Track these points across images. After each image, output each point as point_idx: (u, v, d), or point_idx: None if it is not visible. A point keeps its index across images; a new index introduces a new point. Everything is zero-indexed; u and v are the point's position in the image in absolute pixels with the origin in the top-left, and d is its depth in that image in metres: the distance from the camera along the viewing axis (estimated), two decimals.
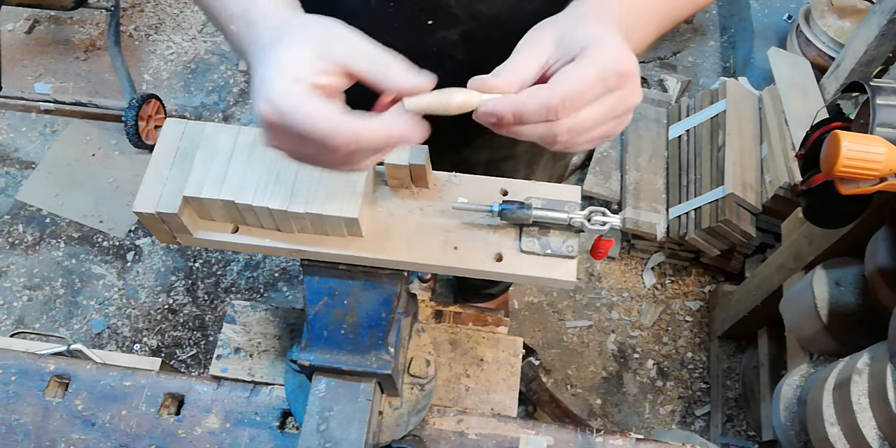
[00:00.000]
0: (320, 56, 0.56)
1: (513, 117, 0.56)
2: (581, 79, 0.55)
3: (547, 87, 0.55)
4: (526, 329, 2.21)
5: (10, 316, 2.23)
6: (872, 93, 1.12)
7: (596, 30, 0.58)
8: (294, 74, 0.55)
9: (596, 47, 0.56)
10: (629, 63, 0.56)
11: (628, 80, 0.57)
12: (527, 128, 0.57)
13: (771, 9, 2.61)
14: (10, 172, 2.52)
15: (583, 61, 0.56)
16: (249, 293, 2.29)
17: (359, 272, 0.76)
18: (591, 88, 0.55)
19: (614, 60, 0.56)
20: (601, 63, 0.55)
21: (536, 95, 0.55)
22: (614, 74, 0.56)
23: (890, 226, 1.34)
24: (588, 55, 0.56)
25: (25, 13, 2.88)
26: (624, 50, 0.57)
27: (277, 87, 0.55)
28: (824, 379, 1.31)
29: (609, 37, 0.57)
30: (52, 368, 0.89)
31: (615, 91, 0.57)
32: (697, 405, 2.10)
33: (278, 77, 0.55)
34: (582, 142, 0.59)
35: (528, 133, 0.57)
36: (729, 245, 2.07)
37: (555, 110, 0.55)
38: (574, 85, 0.55)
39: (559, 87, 0.55)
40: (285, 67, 0.56)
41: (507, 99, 0.56)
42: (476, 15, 0.83)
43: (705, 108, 2.23)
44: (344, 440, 0.77)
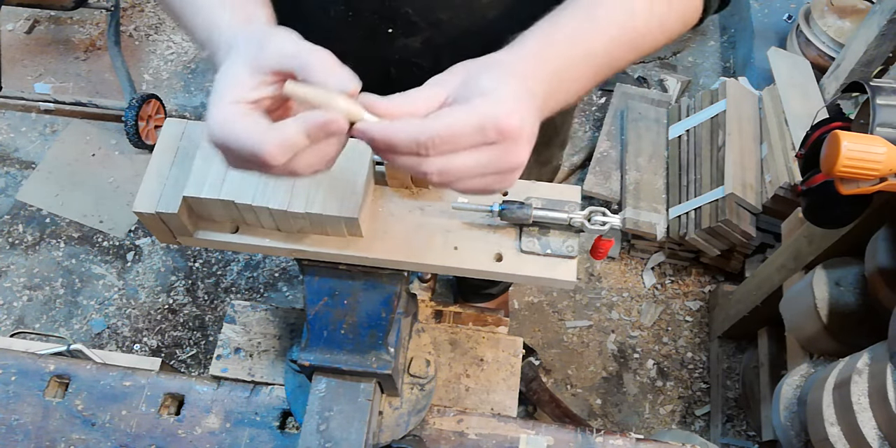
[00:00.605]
0: (253, 70, 0.58)
1: (383, 143, 0.56)
2: (456, 122, 0.55)
3: (420, 121, 0.56)
4: (526, 329, 2.21)
5: (10, 316, 2.23)
6: (872, 93, 1.12)
7: (501, 81, 0.58)
8: (230, 96, 0.57)
9: (487, 98, 0.56)
10: (514, 121, 0.55)
11: (509, 138, 0.56)
12: (397, 157, 0.57)
13: (771, 9, 2.61)
14: (10, 172, 2.52)
15: (464, 106, 0.56)
16: (249, 293, 2.29)
17: (359, 272, 0.76)
18: (466, 135, 0.55)
19: (499, 115, 0.55)
20: (484, 113, 0.55)
21: (408, 126, 0.55)
22: (494, 128, 0.55)
23: (890, 226, 1.34)
24: (472, 103, 0.56)
25: (25, 13, 2.88)
26: (516, 108, 0.56)
27: (212, 112, 0.57)
28: (824, 379, 1.31)
29: (509, 91, 0.57)
30: (52, 368, 0.89)
31: (494, 145, 0.56)
32: (697, 405, 2.10)
33: (214, 102, 0.57)
34: (458, 186, 0.58)
35: (399, 162, 0.57)
36: (729, 245, 2.07)
37: (424, 145, 0.54)
38: (447, 125, 0.54)
39: (431, 124, 0.55)
40: (222, 91, 0.58)
41: (381, 124, 0.56)
42: (436, 23, 0.83)
43: (705, 108, 2.23)
44: (344, 440, 0.77)
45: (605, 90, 2.66)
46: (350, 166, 0.71)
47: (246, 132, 0.55)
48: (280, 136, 0.55)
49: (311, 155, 0.57)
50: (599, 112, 2.63)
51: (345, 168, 0.71)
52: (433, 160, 0.56)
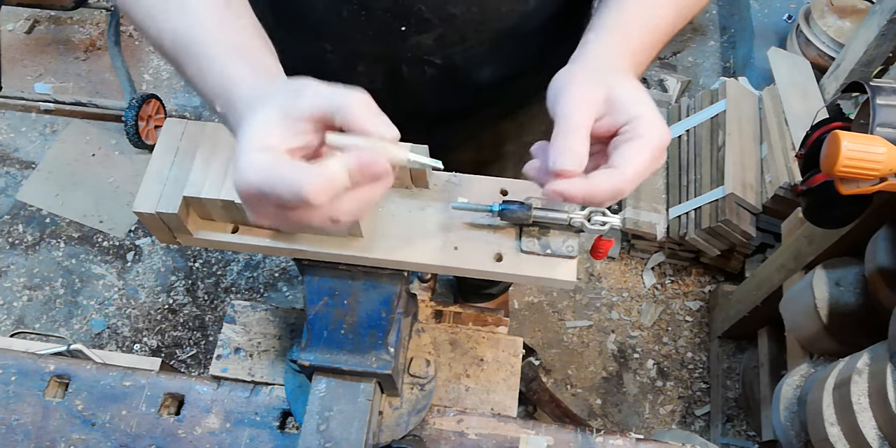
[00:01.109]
0: (287, 118, 0.56)
1: (583, 200, 0.59)
2: (643, 162, 0.59)
3: (616, 174, 0.59)
4: (526, 329, 2.21)
5: (10, 316, 2.23)
6: (872, 93, 1.12)
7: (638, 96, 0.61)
8: (262, 143, 0.55)
9: (646, 120, 0.60)
10: (667, 134, 0.62)
11: (664, 151, 0.62)
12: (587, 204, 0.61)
13: (771, 9, 2.61)
14: (10, 172, 2.52)
15: (640, 142, 0.59)
16: (249, 293, 2.29)
17: (359, 272, 0.76)
18: (649, 169, 0.60)
19: (662, 138, 0.60)
20: (655, 143, 0.60)
21: (607, 185, 0.59)
22: (660, 150, 0.61)
23: (890, 226, 1.34)
24: (643, 134, 0.59)
25: (25, 13, 2.88)
26: (661, 120, 0.61)
27: (245, 161, 0.54)
28: (824, 379, 1.31)
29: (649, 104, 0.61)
30: (52, 368, 0.89)
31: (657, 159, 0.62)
32: (697, 405, 2.10)
33: (245, 151, 0.55)
34: None
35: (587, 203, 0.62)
36: (729, 245, 2.07)
37: (622, 192, 0.59)
38: (640, 170, 0.59)
39: (627, 173, 0.59)
40: (252, 139, 0.55)
41: (579, 184, 0.58)
42: (449, 19, 0.82)
43: (705, 108, 2.23)
44: (344, 440, 0.77)
45: None
46: None
47: (286, 172, 0.53)
48: (323, 174, 0.53)
49: (352, 200, 0.55)
50: None
51: None
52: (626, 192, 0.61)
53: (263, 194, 0.54)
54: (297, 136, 0.56)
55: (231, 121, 0.62)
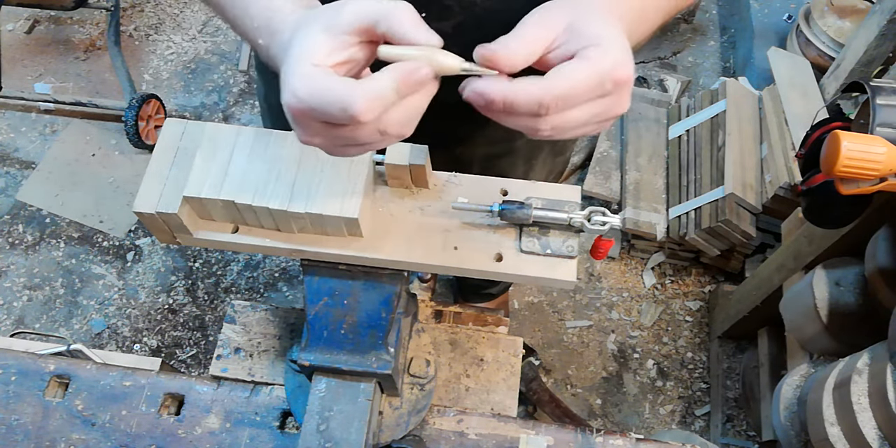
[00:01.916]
0: (330, 33, 0.56)
1: (502, 105, 0.55)
2: (579, 80, 0.55)
3: (543, 82, 0.55)
4: (526, 329, 2.21)
5: (10, 316, 2.23)
6: (872, 93, 1.12)
7: (607, 28, 0.57)
8: (309, 60, 0.55)
9: (601, 48, 0.55)
10: (628, 70, 0.56)
11: (622, 87, 0.57)
12: (512, 117, 0.56)
13: (771, 9, 2.61)
14: (10, 172, 2.52)
15: (584, 62, 0.55)
16: (249, 293, 2.29)
17: (359, 272, 0.76)
18: (587, 92, 0.55)
19: (615, 66, 0.55)
20: (602, 67, 0.55)
21: (530, 89, 0.54)
22: (611, 81, 0.56)
23: (890, 226, 1.34)
24: (591, 56, 0.55)
25: (25, 13, 2.88)
26: (626, 56, 0.57)
27: (295, 77, 0.55)
28: (824, 379, 1.31)
29: (617, 39, 0.57)
30: (52, 368, 0.89)
31: (607, 96, 0.57)
32: (697, 405, 2.10)
33: (294, 68, 0.55)
34: (563, 136, 0.59)
35: (513, 122, 0.57)
36: (729, 245, 2.07)
37: (546, 107, 0.54)
38: (570, 86, 0.54)
39: (555, 85, 0.54)
40: (300, 57, 0.56)
41: (500, 84, 0.55)
42: (469, 6, 0.82)
43: (705, 108, 2.23)
44: (344, 440, 0.77)
45: None
46: (350, 166, 0.71)
47: (334, 87, 0.53)
48: (371, 89, 0.53)
49: (400, 111, 0.55)
50: None
51: (345, 168, 0.71)
52: (550, 118, 0.56)
53: (313, 110, 0.54)
54: (342, 49, 0.56)
55: (274, 50, 0.62)
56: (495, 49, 0.55)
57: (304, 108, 0.55)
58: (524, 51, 0.56)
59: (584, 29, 0.57)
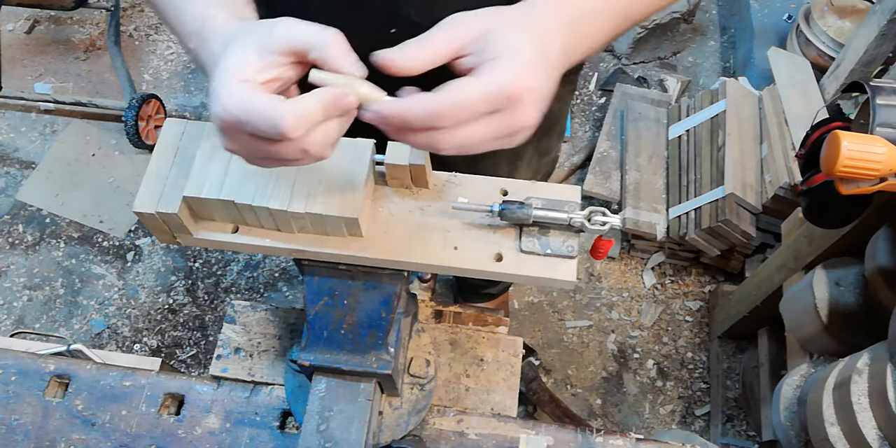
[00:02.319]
0: (261, 52, 0.58)
1: (399, 121, 0.57)
2: (466, 95, 0.56)
3: (434, 96, 0.56)
4: (526, 329, 2.21)
5: (10, 316, 2.23)
6: (872, 93, 1.12)
7: (518, 43, 0.58)
8: (239, 75, 0.57)
9: (500, 63, 0.57)
10: (523, 85, 0.57)
11: (517, 102, 0.57)
12: (412, 134, 0.58)
13: (771, 9, 2.61)
14: (10, 172, 2.52)
15: (477, 78, 0.57)
16: (249, 293, 2.29)
17: (359, 272, 0.76)
18: (476, 106, 0.56)
19: (509, 82, 0.56)
20: (491, 83, 0.56)
21: (422, 103, 0.56)
22: (502, 97, 0.56)
23: (890, 226, 1.34)
24: (485, 72, 0.57)
25: (25, 13, 2.88)
26: (527, 70, 0.57)
27: (225, 91, 0.57)
28: (824, 379, 1.31)
29: (523, 52, 0.58)
30: (52, 368, 0.89)
31: (502, 112, 0.57)
32: (697, 405, 2.10)
33: (224, 81, 0.57)
34: (470, 152, 0.60)
35: (413, 140, 0.59)
36: (729, 245, 2.07)
37: (439, 119, 0.56)
38: (458, 100, 0.56)
39: (445, 99, 0.56)
40: (231, 70, 0.58)
41: (395, 103, 0.57)
42: (437, 21, 0.83)
43: (705, 108, 2.23)
44: (344, 440, 0.77)
45: (605, 90, 2.66)
46: (350, 166, 0.71)
47: (263, 104, 0.55)
48: (299, 108, 0.55)
49: (322, 133, 0.58)
50: (599, 112, 2.63)
51: (345, 168, 0.71)
52: (448, 136, 0.57)
53: (242, 123, 0.56)
54: (272, 68, 0.58)
55: (203, 56, 0.64)
56: (391, 56, 0.57)
57: (234, 120, 0.56)
58: (423, 56, 0.58)
59: (494, 40, 0.58)
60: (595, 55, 0.83)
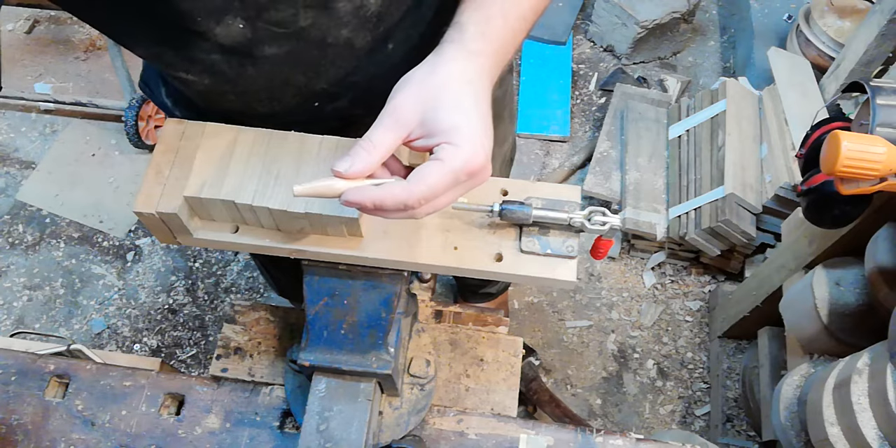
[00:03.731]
0: None
1: (373, 207, 0.63)
2: (436, 181, 0.62)
3: (405, 186, 0.62)
4: (526, 329, 2.21)
5: (10, 316, 2.23)
6: (872, 93, 1.12)
7: (458, 115, 0.64)
8: None
9: (452, 147, 0.63)
10: (479, 161, 0.64)
11: (477, 174, 0.64)
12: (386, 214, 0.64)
13: (771, 9, 2.61)
14: (10, 172, 2.52)
15: (438, 164, 0.63)
16: (249, 293, 2.29)
17: (359, 272, 0.76)
18: (444, 187, 0.63)
19: (468, 162, 0.63)
20: (454, 166, 0.62)
21: (395, 194, 0.62)
22: (465, 173, 0.63)
23: (890, 226, 1.34)
24: (443, 157, 0.63)
25: (25, 13, 2.88)
26: (477, 146, 0.63)
27: None
28: (824, 379, 1.31)
29: (466, 128, 0.63)
30: (52, 368, 0.89)
31: (463, 183, 0.65)
32: (697, 405, 2.10)
33: None
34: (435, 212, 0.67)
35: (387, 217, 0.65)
36: (729, 245, 2.07)
37: (411, 207, 0.63)
38: (428, 187, 0.62)
39: (416, 189, 0.62)
40: None
41: (369, 193, 0.62)
42: (353, 86, 0.85)
43: (705, 108, 2.23)
44: (344, 440, 0.77)
45: (605, 90, 2.66)
46: None
47: None
48: None
49: None
50: (599, 112, 2.63)
51: None
52: (420, 211, 0.64)
53: None
54: None
55: None
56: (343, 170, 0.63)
57: None
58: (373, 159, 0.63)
59: (437, 123, 0.64)
60: None
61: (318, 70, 0.81)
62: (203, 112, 0.93)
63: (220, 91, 0.83)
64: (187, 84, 0.82)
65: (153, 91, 1.01)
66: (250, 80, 0.80)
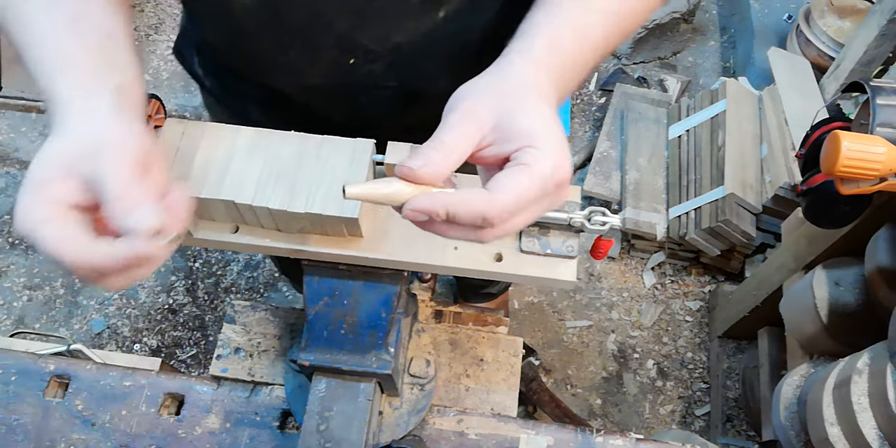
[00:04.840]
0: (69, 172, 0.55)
1: (444, 218, 0.53)
2: (522, 192, 0.53)
3: (486, 196, 0.53)
4: (526, 329, 2.21)
5: (10, 316, 2.23)
6: (872, 93, 1.12)
7: (538, 120, 0.56)
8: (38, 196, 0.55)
9: (538, 151, 0.54)
10: (567, 169, 0.55)
11: (562, 186, 0.56)
12: (454, 229, 0.55)
13: (771, 9, 2.61)
14: (10, 172, 2.52)
15: (524, 171, 0.54)
16: (249, 293, 2.29)
17: (359, 272, 0.76)
18: (532, 198, 0.54)
19: (555, 169, 0.54)
20: (543, 173, 0.54)
21: (474, 203, 0.53)
22: (553, 184, 0.55)
23: (890, 226, 1.34)
24: (528, 162, 0.54)
25: None
26: (564, 152, 0.55)
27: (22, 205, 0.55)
28: (824, 379, 1.31)
29: (550, 133, 0.55)
30: (52, 368, 0.89)
31: (547, 198, 0.56)
32: (697, 405, 2.10)
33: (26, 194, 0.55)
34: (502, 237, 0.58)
35: (454, 234, 0.56)
36: (729, 245, 2.07)
37: (489, 222, 0.53)
38: (514, 198, 0.53)
39: (499, 199, 0.53)
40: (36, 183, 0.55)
41: (442, 199, 0.53)
42: (395, 48, 0.82)
43: (705, 108, 2.23)
44: (344, 440, 0.77)
45: (605, 90, 2.66)
46: (350, 166, 0.71)
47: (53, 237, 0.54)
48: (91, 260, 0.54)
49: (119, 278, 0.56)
50: (599, 112, 2.63)
51: (345, 168, 0.71)
52: (495, 231, 0.55)
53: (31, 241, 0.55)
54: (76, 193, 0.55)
55: None
56: (416, 167, 0.53)
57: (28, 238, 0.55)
58: (447, 162, 0.54)
59: (514, 126, 0.55)
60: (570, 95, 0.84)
61: (364, 18, 0.76)
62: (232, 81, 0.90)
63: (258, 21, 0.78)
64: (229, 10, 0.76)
65: (186, 59, 1.01)
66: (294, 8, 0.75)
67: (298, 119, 0.83)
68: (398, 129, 0.90)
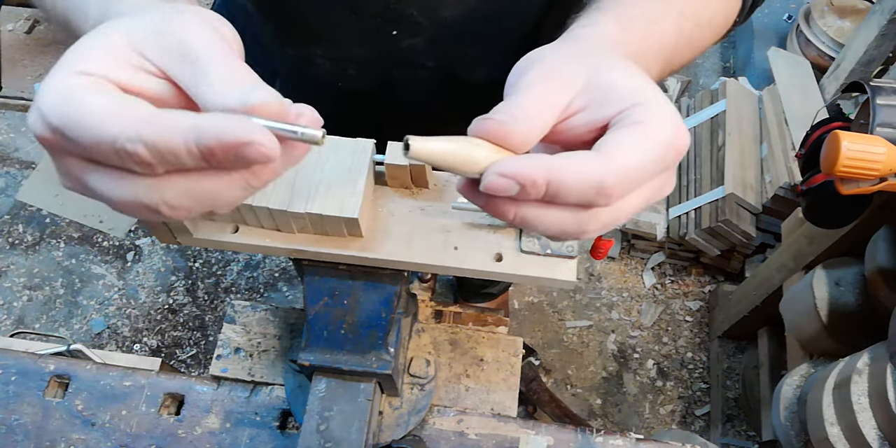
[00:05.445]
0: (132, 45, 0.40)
1: (545, 187, 0.38)
2: (643, 155, 0.40)
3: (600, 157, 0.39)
4: (526, 329, 2.21)
5: (10, 316, 2.23)
6: (872, 93, 1.12)
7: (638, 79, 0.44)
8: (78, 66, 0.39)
9: (650, 110, 0.41)
10: (688, 138, 0.43)
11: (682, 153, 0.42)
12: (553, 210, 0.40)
13: (771, 9, 2.61)
14: (10, 172, 2.52)
15: (643, 129, 0.40)
16: (249, 293, 2.29)
17: (359, 272, 0.76)
18: (653, 168, 0.41)
19: (676, 135, 0.41)
20: (663, 137, 0.41)
21: (587, 166, 0.38)
22: (674, 151, 0.41)
23: (890, 226, 1.34)
24: (644, 120, 0.41)
25: (25, 13, 2.88)
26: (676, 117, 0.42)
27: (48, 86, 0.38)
28: (824, 379, 1.31)
29: (657, 93, 0.43)
30: (52, 368, 0.89)
31: (665, 172, 0.43)
32: (697, 405, 2.10)
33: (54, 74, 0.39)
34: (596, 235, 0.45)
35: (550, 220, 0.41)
36: (729, 245, 2.07)
37: (606, 191, 0.39)
38: (638, 160, 0.39)
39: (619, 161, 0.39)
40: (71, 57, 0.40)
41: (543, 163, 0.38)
42: (440, 22, 0.80)
43: (705, 108, 2.24)
44: (344, 440, 0.77)
45: None
46: (350, 166, 0.71)
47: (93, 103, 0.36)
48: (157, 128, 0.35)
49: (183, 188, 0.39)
50: None
51: (345, 168, 0.71)
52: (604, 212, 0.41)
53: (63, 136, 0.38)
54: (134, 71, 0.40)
55: None
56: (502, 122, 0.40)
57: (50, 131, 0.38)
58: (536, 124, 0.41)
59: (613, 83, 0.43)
60: None
61: None
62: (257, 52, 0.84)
63: None
64: None
65: None
66: None
67: (322, 96, 0.77)
68: (426, 118, 0.88)
